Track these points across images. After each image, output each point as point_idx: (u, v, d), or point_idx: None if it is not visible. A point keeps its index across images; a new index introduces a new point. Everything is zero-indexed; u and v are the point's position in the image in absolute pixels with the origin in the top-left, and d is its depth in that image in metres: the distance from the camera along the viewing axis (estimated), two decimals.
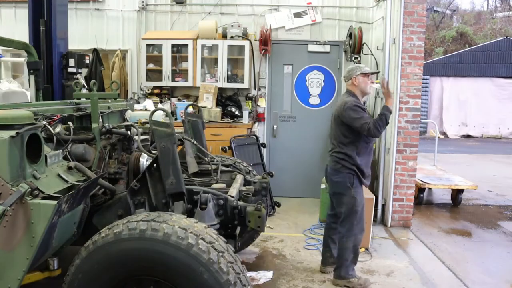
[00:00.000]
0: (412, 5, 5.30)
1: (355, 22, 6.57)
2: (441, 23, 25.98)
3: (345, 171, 3.67)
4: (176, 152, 2.74)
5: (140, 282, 2.28)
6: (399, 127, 5.41)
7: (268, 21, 6.59)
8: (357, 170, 3.66)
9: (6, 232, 2.10)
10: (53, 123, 2.80)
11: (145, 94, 6.69)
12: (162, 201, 2.79)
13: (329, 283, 3.85)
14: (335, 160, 3.72)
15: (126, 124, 3.36)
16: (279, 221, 5.60)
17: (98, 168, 3.00)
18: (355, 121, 3.55)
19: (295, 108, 6.82)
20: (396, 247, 4.80)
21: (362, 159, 3.68)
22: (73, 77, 5.27)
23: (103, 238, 2.24)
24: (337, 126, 3.73)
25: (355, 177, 3.67)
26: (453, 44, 22.34)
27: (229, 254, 2.24)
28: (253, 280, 3.79)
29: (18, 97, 4.14)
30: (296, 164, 6.79)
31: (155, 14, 6.84)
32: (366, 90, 3.78)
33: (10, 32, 6.41)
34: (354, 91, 3.75)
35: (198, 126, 4.00)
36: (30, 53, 3.96)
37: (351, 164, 3.65)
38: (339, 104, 3.71)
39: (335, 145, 3.76)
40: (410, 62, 5.38)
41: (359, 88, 3.75)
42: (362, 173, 3.68)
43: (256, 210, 2.81)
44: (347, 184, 3.67)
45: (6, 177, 2.10)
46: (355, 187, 3.68)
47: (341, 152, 3.68)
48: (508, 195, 7.57)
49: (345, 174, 3.67)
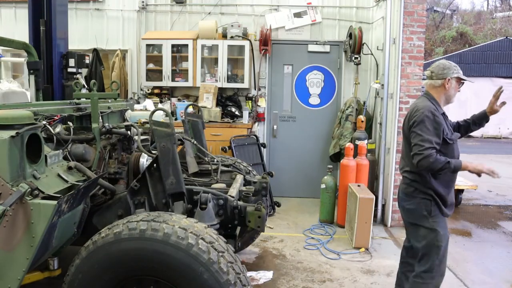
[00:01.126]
0: (412, 5, 5.30)
1: (355, 22, 6.57)
2: (441, 23, 25.98)
3: (419, 195, 2.90)
4: (176, 152, 2.74)
5: (140, 282, 2.29)
6: (399, 127, 5.40)
7: (268, 21, 6.59)
8: (434, 195, 2.87)
9: (6, 232, 2.10)
10: (53, 123, 2.80)
11: (145, 94, 6.69)
12: (162, 201, 2.79)
13: (329, 283, 3.85)
14: (406, 182, 2.99)
15: (126, 124, 3.36)
16: (279, 221, 5.60)
17: (98, 168, 3.00)
18: (416, 137, 2.79)
19: (295, 108, 6.82)
20: (396, 247, 4.80)
21: (440, 182, 2.88)
22: (73, 77, 5.26)
23: (103, 238, 2.24)
24: (406, 136, 2.98)
25: (433, 204, 2.88)
26: (453, 44, 22.34)
27: (229, 254, 2.24)
28: (253, 280, 3.79)
29: (18, 97, 4.15)
30: (296, 164, 6.79)
31: (155, 14, 6.84)
32: (452, 99, 2.99)
33: (10, 32, 6.42)
34: (439, 96, 2.94)
35: (198, 126, 4.00)
36: (30, 53, 3.96)
37: (425, 187, 2.88)
38: (411, 109, 2.97)
39: (406, 163, 3.00)
40: (410, 62, 5.38)
41: (447, 94, 2.94)
42: (442, 200, 2.89)
43: (256, 210, 2.81)
44: (422, 212, 2.89)
45: (6, 177, 2.10)
46: (433, 216, 2.88)
47: (412, 172, 2.92)
48: (508, 195, 7.57)
49: (419, 200, 2.90)
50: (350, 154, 5.38)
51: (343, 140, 6.11)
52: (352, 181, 5.28)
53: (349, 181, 5.29)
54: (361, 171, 5.37)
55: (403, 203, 3.02)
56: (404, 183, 3.01)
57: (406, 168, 2.99)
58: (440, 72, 2.91)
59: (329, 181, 5.46)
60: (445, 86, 2.90)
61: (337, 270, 4.14)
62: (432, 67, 2.98)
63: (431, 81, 2.96)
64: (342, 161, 5.49)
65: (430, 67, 3.00)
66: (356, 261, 4.37)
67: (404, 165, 3.04)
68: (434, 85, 2.94)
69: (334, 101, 6.78)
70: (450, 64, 2.95)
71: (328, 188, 5.46)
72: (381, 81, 5.74)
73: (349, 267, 4.21)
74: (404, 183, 3.01)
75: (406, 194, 2.98)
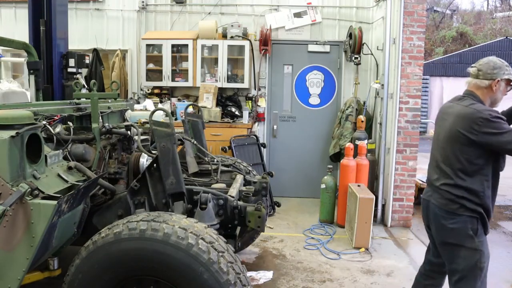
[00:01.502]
0: (412, 5, 5.30)
1: (355, 22, 6.57)
2: (441, 23, 25.98)
3: (465, 213, 2.52)
4: (176, 152, 2.74)
5: (140, 282, 2.29)
6: (399, 127, 5.41)
7: (268, 21, 6.59)
8: (483, 212, 2.53)
9: (6, 232, 2.10)
10: (53, 123, 2.80)
11: (145, 94, 6.69)
12: (162, 201, 2.79)
13: (329, 283, 3.85)
14: (449, 197, 2.55)
15: (126, 124, 3.36)
16: (279, 221, 5.60)
17: (98, 168, 3.00)
18: (503, 135, 2.38)
19: (295, 108, 6.82)
20: (396, 247, 4.80)
21: (493, 194, 2.59)
22: (73, 77, 5.26)
23: (103, 238, 2.24)
24: (455, 146, 2.52)
25: (479, 222, 2.53)
26: (453, 44, 22.34)
27: (229, 254, 2.24)
28: (253, 280, 3.79)
29: (18, 97, 4.15)
30: (296, 164, 6.79)
31: (155, 14, 6.84)
32: (499, 101, 2.62)
33: (10, 32, 6.42)
34: (484, 98, 2.56)
35: (198, 126, 4.00)
36: (30, 53, 3.96)
37: (475, 204, 2.50)
38: (461, 113, 2.51)
39: (447, 175, 2.58)
40: (410, 62, 5.38)
41: (493, 97, 2.57)
42: (488, 216, 2.57)
43: (256, 210, 2.81)
44: (468, 232, 2.52)
45: (6, 177, 2.10)
46: (479, 235, 2.53)
47: (461, 187, 2.51)
48: (508, 195, 7.56)
49: (465, 218, 2.52)
50: (350, 154, 5.38)
51: (343, 140, 6.11)
52: (352, 181, 5.28)
53: (349, 181, 5.29)
54: (361, 171, 5.37)
55: (443, 222, 2.57)
56: (445, 198, 2.56)
57: (449, 181, 2.55)
58: (490, 71, 2.52)
59: (329, 181, 5.46)
60: (493, 88, 2.52)
61: (337, 270, 4.14)
62: (479, 64, 2.58)
63: (476, 81, 2.56)
64: (342, 161, 5.49)
65: (477, 64, 2.59)
66: (356, 261, 4.37)
67: (442, 176, 2.60)
68: (480, 85, 2.54)
69: (334, 101, 6.78)
70: (502, 63, 2.54)
71: (328, 188, 5.46)
72: (381, 81, 5.74)
73: (349, 267, 4.21)
74: (445, 199, 2.56)
75: (448, 212, 2.55)
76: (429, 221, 2.74)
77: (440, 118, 2.73)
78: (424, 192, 2.82)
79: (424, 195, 2.80)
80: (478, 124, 2.41)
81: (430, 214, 2.69)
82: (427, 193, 2.76)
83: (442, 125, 2.67)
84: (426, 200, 2.75)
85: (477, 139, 2.42)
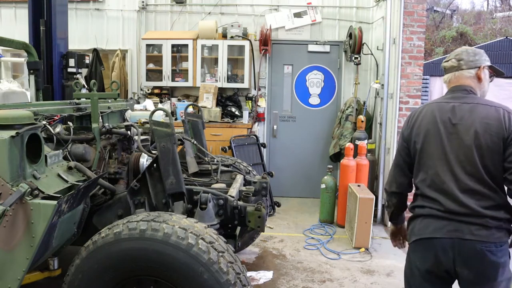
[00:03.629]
0: (412, 5, 5.30)
1: (355, 22, 6.56)
2: (441, 23, 25.97)
3: (507, 238, 1.98)
4: (176, 152, 2.74)
5: (140, 282, 2.29)
6: (399, 127, 5.40)
7: (268, 21, 6.59)
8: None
9: (6, 232, 2.10)
10: (53, 123, 2.80)
11: (145, 94, 6.69)
12: (162, 201, 2.79)
13: (329, 283, 3.85)
14: (494, 225, 1.94)
15: (126, 124, 3.36)
16: (279, 221, 5.60)
17: (98, 168, 3.00)
18: None
19: (295, 108, 6.82)
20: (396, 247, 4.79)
21: None
22: (73, 77, 5.27)
23: (103, 238, 2.24)
24: (494, 156, 1.95)
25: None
26: (453, 44, 22.31)
27: (229, 254, 2.24)
28: (253, 280, 3.79)
29: (18, 97, 4.15)
30: (296, 164, 6.79)
31: (155, 14, 6.84)
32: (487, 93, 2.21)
33: (10, 32, 6.41)
34: (476, 89, 2.14)
35: (198, 126, 4.00)
36: (30, 53, 3.96)
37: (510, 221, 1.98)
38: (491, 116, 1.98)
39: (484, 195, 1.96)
40: (410, 62, 5.38)
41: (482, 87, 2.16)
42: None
43: (256, 210, 2.81)
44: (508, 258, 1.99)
45: (6, 177, 2.10)
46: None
47: (503, 206, 1.97)
48: None
49: (507, 244, 1.99)
50: (350, 154, 5.38)
51: (343, 140, 6.11)
52: (352, 181, 5.28)
53: (349, 181, 5.29)
54: (361, 171, 5.37)
55: (493, 258, 1.92)
56: (489, 227, 1.93)
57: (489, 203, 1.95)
58: (472, 58, 2.12)
59: (329, 181, 5.46)
60: (480, 76, 2.11)
61: (337, 270, 4.14)
62: (456, 54, 2.18)
63: (460, 72, 2.13)
64: (342, 161, 5.48)
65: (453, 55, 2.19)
66: (356, 261, 4.37)
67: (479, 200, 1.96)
68: (467, 76, 2.12)
69: (334, 101, 6.78)
70: (479, 50, 2.19)
71: (328, 188, 5.46)
72: (381, 81, 5.74)
73: (349, 267, 4.21)
74: (489, 227, 1.93)
75: (496, 244, 1.93)
76: (457, 265, 1.97)
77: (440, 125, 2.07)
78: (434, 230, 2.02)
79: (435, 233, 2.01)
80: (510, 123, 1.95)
81: (461, 255, 1.95)
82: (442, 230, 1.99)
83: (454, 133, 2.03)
84: (447, 239, 1.97)
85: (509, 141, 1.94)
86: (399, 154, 2.27)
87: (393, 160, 2.33)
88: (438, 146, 2.06)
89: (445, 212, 2.00)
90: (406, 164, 2.24)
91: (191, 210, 2.82)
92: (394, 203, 2.34)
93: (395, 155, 2.31)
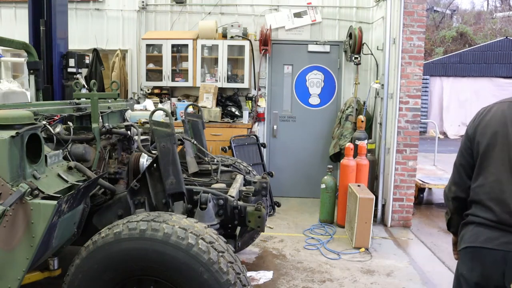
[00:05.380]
0: (412, 5, 5.31)
1: (355, 22, 6.56)
2: (441, 23, 25.98)
3: None
4: (176, 152, 2.74)
5: (140, 282, 2.29)
6: (399, 127, 5.41)
7: (268, 21, 6.59)
8: None
9: (6, 232, 2.10)
10: (53, 123, 2.80)
11: (145, 94, 6.69)
12: (162, 201, 2.79)
13: (329, 283, 3.85)
14: None
15: (126, 124, 3.36)
16: (279, 221, 5.60)
17: (98, 168, 3.00)
18: None
19: (295, 108, 6.82)
20: (396, 247, 4.80)
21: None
22: (73, 77, 5.27)
23: (103, 238, 2.24)
24: None
25: None
26: (453, 44, 22.34)
27: (229, 254, 2.24)
28: (253, 280, 3.79)
29: (18, 97, 4.14)
30: (296, 164, 6.79)
31: (155, 14, 6.84)
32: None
33: (10, 32, 6.41)
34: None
35: (198, 126, 4.00)
36: (30, 53, 3.96)
37: None
38: None
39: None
40: (410, 62, 5.38)
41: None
42: None
43: (256, 210, 2.81)
44: None
45: (6, 177, 2.10)
46: None
47: None
48: None
49: None
50: (350, 154, 5.38)
51: (343, 140, 6.11)
52: (352, 181, 5.28)
53: (349, 181, 5.29)
54: (361, 171, 5.37)
55: None
56: None
57: None
58: None
59: (329, 181, 5.46)
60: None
61: (337, 270, 4.14)
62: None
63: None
64: (342, 161, 5.48)
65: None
66: (356, 261, 4.37)
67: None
68: None
69: (334, 101, 6.78)
70: None
71: (328, 188, 5.46)
72: (381, 81, 5.74)
73: (349, 267, 4.21)
74: None
75: None
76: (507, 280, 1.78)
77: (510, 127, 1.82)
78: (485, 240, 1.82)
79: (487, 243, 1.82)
80: None
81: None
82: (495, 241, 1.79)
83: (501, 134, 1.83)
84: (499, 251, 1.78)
85: None
86: (462, 154, 2.02)
87: (455, 159, 2.05)
88: (504, 151, 1.80)
89: (498, 223, 1.79)
90: (469, 166, 1.97)
91: (191, 210, 2.82)
92: (451, 209, 2.12)
93: (457, 155, 2.05)
